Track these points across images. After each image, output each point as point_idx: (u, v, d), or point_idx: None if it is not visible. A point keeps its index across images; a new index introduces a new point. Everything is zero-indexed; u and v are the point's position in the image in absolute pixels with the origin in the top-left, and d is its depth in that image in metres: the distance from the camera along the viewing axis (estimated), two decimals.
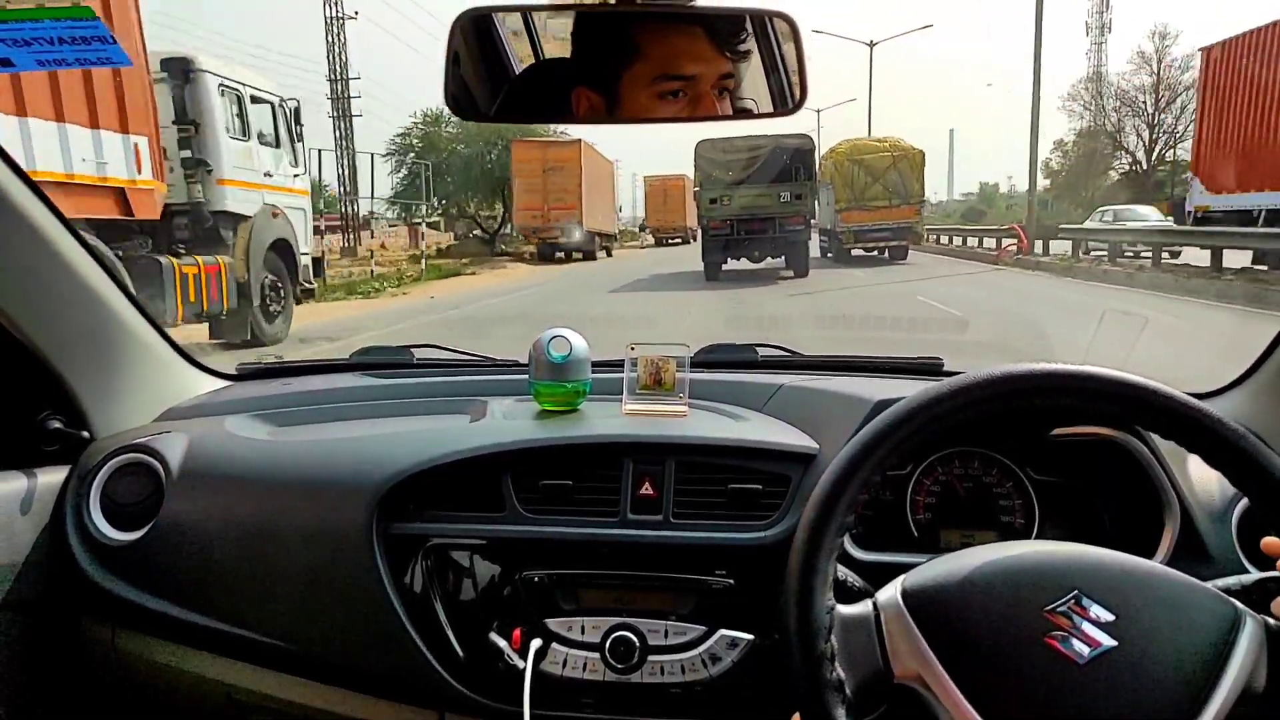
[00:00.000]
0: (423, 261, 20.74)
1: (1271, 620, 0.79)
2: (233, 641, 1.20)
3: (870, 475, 0.83)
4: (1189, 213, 16.76)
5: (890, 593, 0.83)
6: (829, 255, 21.59)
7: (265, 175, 9.03)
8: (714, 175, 17.10)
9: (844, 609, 0.83)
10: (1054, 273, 16.18)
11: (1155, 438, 1.15)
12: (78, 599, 1.23)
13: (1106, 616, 0.76)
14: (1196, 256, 13.89)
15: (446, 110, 1.11)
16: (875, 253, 20.79)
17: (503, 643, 1.12)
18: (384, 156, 30.40)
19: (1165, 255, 14.83)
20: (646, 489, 1.17)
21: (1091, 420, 1.17)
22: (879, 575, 0.96)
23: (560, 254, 24.94)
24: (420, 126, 30.42)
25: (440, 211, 34.35)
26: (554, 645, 1.12)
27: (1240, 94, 15.02)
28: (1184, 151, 33.67)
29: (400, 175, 30.69)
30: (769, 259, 17.24)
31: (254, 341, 8.46)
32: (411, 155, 30.18)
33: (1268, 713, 0.75)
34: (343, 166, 31.88)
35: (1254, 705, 0.74)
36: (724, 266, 16.96)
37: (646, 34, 0.97)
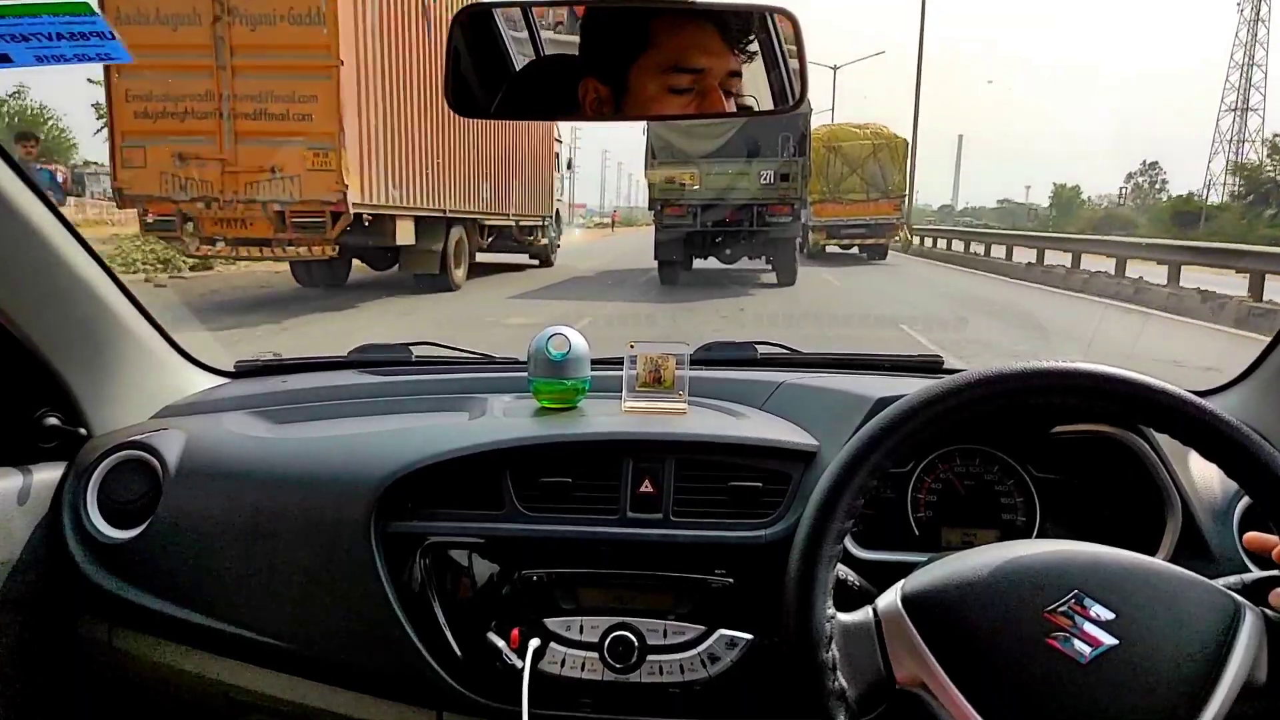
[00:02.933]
0: None
1: (1271, 612, 0.79)
2: (231, 640, 1.19)
3: (868, 479, 0.83)
4: None
5: (890, 598, 0.83)
6: (802, 251, 18.66)
7: None
8: (672, 145, 12.55)
9: (844, 617, 0.83)
10: None
11: (1157, 435, 1.15)
12: (75, 597, 1.23)
13: (1107, 615, 0.76)
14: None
15: None
16: (857, 250, 19.24)
17: (501, 642, 1.12)
18: None
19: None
20: (646, 487, 1.17)
21: (1093, 418, 1.17)
22: (880, 574, 0.96)
23: None
24: None
25: None
26: (552, 644, 1.11)
27: None
28: None
29: None
30: (745, 259, 13.48)
31: None
32: None
33: (1269, 705, 0.75)
34: None
35: (1255, 699, 0.74)
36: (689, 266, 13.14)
37: (659, 25, 0.98)
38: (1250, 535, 0.90)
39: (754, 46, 1.00)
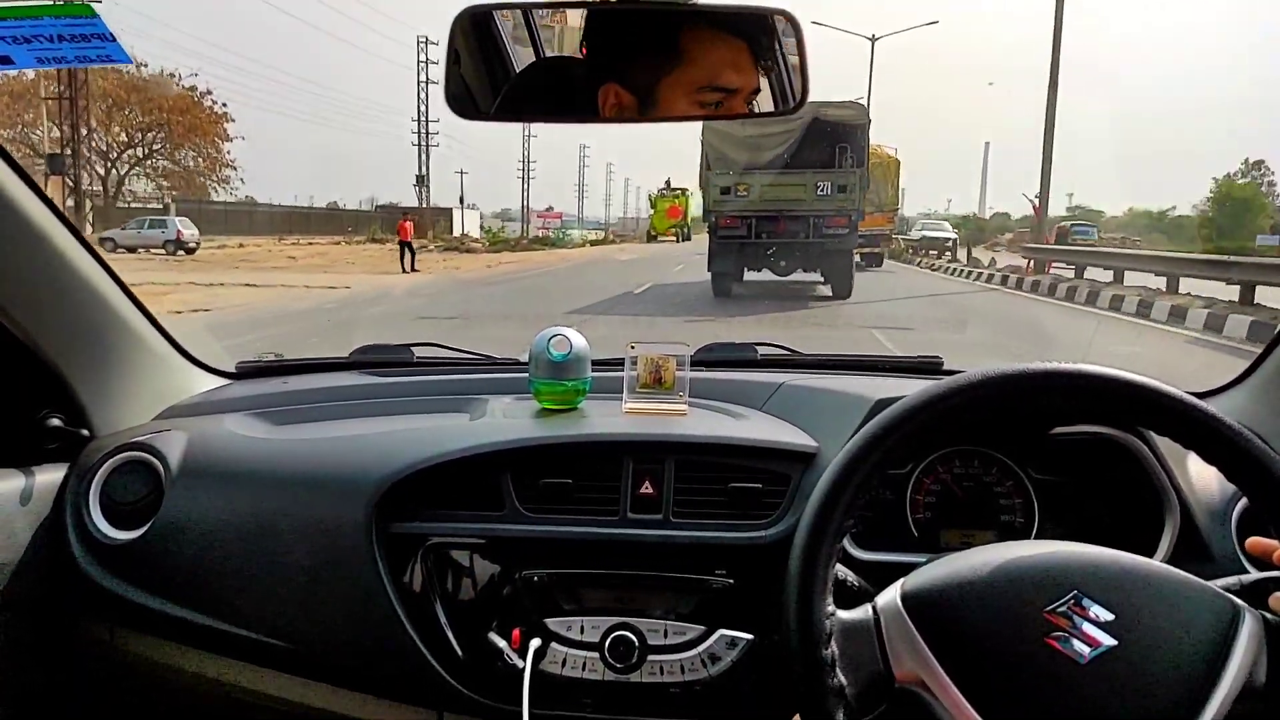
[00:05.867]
0: None
1: (1270, 615, 0.79)
2: (232, 640, 1.19)
3: (869, 478, 0.83)
4: None
5: (890, 596, 0.83)
6: None
7: None
8: (728, 156, 12.77)
9: (844, 614, 0.83)
10: None
11: (1155, 437, 1.15)
12: (77, 598, 1.23)
13: (1106, 616, 0.76)
14: None
15: None
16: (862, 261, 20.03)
17: (502, 642, 1.12)
18: None
19: None
20: (646, 488, 1.17)
21: (1091, 419, 1.17)
22: (879, 575, 0.96)
23: None
24: None
25: None
26: (553, 645, 1.12)
27: None
28: None
29: None
30: (800, 271, 13.28)
31: None
32: None
33: (1269, 708, 0.75)
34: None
35: (1255, 701, 0.74)
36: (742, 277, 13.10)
37: (691, 41, 0.98)
38: (1253, 540, 0.90)
39: (771, 60, 1.01)
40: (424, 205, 44.42)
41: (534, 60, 1.06)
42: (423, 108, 46.02)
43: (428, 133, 46.24)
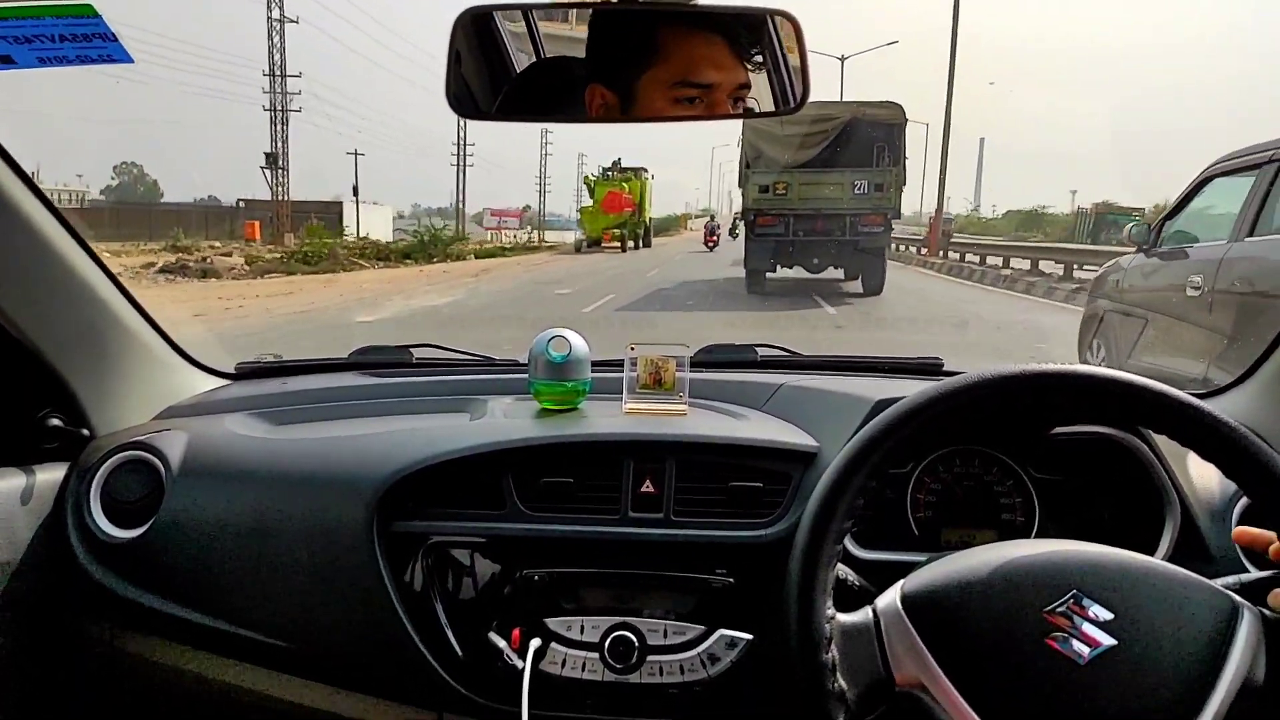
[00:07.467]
0: None
1: (1269, 612, 0.79)
2: (232, 641, 1.19)
3: (869, 479, 0.83)
4: None
5: (890, 598, 0.83)
6: None
7: None
8: (767, 154, 12.96)
9: (844, 617, 0.83)
10: None
11: (1155, 436, 1.15)
12: (77, 597, 1.23)
13: (1105, 615, 0.76)
14: None
15: None
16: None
17: (502, 642, 1.12)
18: None
19: None
20: (647, 487, 1.17)
21: (1092, 420, 1.18)
22: (879, 574, 0.97)
23: None
24: None
25: None
26: (553, 645, 1.12)
27: None
28: None
29: None
30: (831, 268, 13.44)
31: None
32: None
33: (1268, 705, 0.75)
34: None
35: (1254, 698, 0.74)
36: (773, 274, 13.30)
37: (668, 38, 0.98)
38: (1240, 530, 0.90)
39: (761, 58, 1.00)
40: (280, 198, 30.93)
41: (532, 60, 1.06)
42: (277, 55, 31.52)
43: (285, 92, 31.70)
